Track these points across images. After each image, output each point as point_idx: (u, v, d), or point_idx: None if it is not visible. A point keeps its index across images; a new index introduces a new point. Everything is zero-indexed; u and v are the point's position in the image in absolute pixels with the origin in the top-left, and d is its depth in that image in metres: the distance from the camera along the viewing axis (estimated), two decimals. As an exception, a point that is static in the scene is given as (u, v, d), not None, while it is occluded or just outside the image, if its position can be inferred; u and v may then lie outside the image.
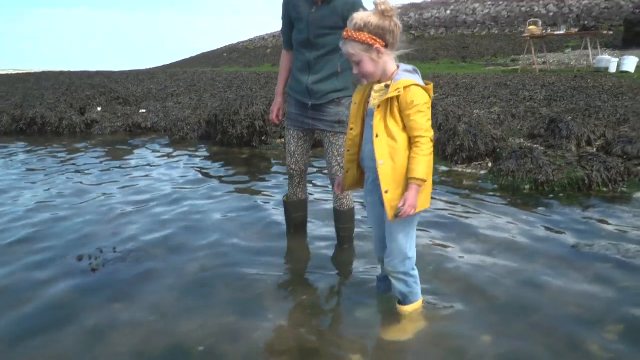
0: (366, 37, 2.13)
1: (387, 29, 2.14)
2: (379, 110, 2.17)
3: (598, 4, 30.66)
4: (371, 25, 2.12)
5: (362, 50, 2.16)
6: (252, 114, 7.47)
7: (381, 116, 2.17)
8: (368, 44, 2.13)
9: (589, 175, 4.72)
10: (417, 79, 2.18)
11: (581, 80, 12.28)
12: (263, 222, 4.03)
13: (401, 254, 2.34)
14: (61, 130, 9.05)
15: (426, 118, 2.13)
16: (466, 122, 6.36)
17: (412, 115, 2.11)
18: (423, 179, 2.12)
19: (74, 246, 3.56)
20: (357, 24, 2.14)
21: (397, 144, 2.14)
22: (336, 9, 2.94)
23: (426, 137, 2.12)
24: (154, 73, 25.16)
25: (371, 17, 2.13)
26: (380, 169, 2.17)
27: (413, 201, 2.13)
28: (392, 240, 2.34)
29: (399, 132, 2.15)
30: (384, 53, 2.16)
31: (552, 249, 3.39)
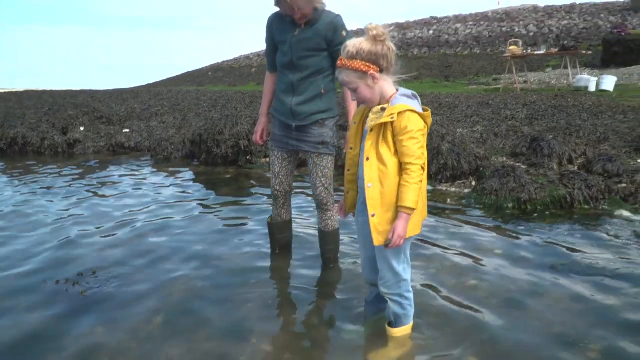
0: (359, 65, 2.12)
1: (380, 54, 2.14)
2: (371, 133, 2.16)
3: (577, 24, 31.39)
4: (364, 51, 2.12)
5: (357, 78, 2.15)
6: (236, 134, 7.47)
7: (373, 140, 2.16)
8: (362, 71, 2.13)
9: (570, 194, 4.78)
10: (415, 104, 2.17)
11: (561, 99, 12.49)
12: (248, 243, 4.00)
13: (395, 276, 2.32)
14: (43, 151, 8.96)
15: (419, 145, 2.11)
16: (450, 141, 6.41)
17: (405, 141, 2.09)
18: (412, 208, 2.10)
19: (52, 271, 3.48)
20: (349, 52, 2.14)
21: (387, 169, 2.13)
22: (319, 31, 2.97)
23: (417, 165, 2.09)
24: (138, 92, 25.09)
25: (363, 44, 2.13)
26: (368, 192, 2.16)
27: (401, 232, 2.12)
28: (385, 263, 2.31)
29: (389, 157, 2.13)
30: (379, 78, 2.16)
31: (535, 269, 3.40)
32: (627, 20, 29.39)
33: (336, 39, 2.97)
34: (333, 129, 3.17)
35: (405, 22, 45.31)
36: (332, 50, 3.00)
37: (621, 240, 3.88)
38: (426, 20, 44.05)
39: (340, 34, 2.98)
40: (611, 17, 31.72)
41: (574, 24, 31.67)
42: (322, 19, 2.99)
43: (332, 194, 3.26)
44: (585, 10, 36.32)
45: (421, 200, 2.19)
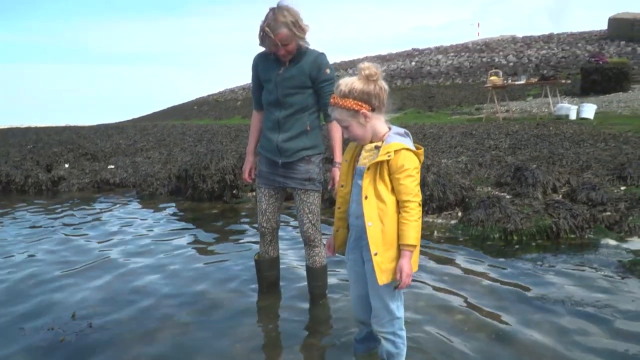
0: (352, 103, 2.15)
1: (372, 94, 2.17)
2: (368, 172, 2.18)
3: (555, 53, 32.17)
4: (356, 91, 2.15)
5: (349, 116, 2.18)
6: (222, 168, 7.46)
7: (370, 178, 2.18)
8: (354, 110, 2.16)
9: (556, 223, 4.81)
10: (408, 142, 2.20)
11: (543, 128, 12.70)
12: (235, 282, 3.95)
13: (389, 314, 2.30)
14: (27, 189, 8.86)
15: (415, 182, 2.14)
16: (435, 172, 6.46)
17: (402, 179, 2.12)
18: (414, 245, 2.12)
19: (29, 315, 3.38)
20: (342, 91, 2.17)
21: (386, 206, 2.15)
22: (302, 69, 3.02)
23: (415, 202, 2.12)
24: (124, 127, 25.07)
25: (355, 83, 2.16)
26: (369, 231, 2.16)
27: (408, 270, 2.14)
28: (379, 300, 2.30)
29: (387, 195, 2.15)
30: (371, 117, 2.19)
31: (523, 301, 3.40)
32: (604, 49, 30.21)
33: (320, 77, 3.02)
34: (319, 165, 3.19)
35: (387, 54, 46.17)
36: (317, 88, 3.06)
37: (607, 271, 3.90)
38: (408, 52, 44.92)
39: (324, 72, 3.03)
40: (588, 46, 32.58)
41: (552, 53, 32.46)
42: (306, 57, 3.04)
43: (319, 231, 3.25)
44: (562, 40, 37.30)
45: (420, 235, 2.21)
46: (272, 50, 3.00)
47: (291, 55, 3.01)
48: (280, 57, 3.01)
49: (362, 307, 2.46)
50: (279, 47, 2.93)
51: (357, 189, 2.27)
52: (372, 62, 2.24)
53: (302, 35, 2.96)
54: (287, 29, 2.88)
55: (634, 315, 3.11)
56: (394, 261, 2.17)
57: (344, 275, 3.87)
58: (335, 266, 4.06)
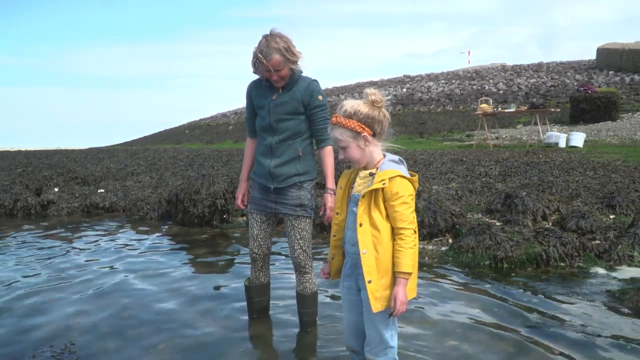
0: (355, 125, 2.18)
1: (375, 119, 2.20)
2: (363, 199, 2.18)
3: (545, 82, 32.64)
4: (361, 113, 2.18)
5: (350, 137, 2.20)
6: (213, 193, 7.44)
7: (365, 206, 2.18)
8: (356, 131, 2.18)
9: (546, 251, 4.83)
10: (403, 169, 2.21)
11: (533, 156, 12.82)
12: (225, 308, 3.91)
13: (382, 342, 2.28)
14: (15, 212, 8.77)
15: (410, 210, 2.14)
16: (425, 199, 6.49)
17: (397, 206, 2.12)
18: (409, 272, 2.12)
19: (14, 343, 3.32)
20: (346, 111, 2.19)
21: (380, 234, 2.15)
22: (295, 96, 3.06)
23: (410, 229, 2.13)
24: (114, 151, 25.01)
25: (361, 106, 2.19)
26: (364, 259, 2.16)
27: (403, 298, 2.13)
28: (373, 329, 2.28)
29: (382, 222, 2.16)
30: (371, 142, 2.21)
31: (514, 329, 3.39)
32: (592, 78, 30.71)
33: (312, 103, 3.06)
34: (311, 191, 3.20)
35: (379, 80, 46.65)
36: (309, 114, 3.09)
37: (597, 300, 3.90)
38: (399, 79, 45.43)
39: (316, 98, 3.07)
40: (577, 75, 33.10)
41: (542, 81, 32.93)
42: (298, 84, 3.08)
43: (310, 257, 3.24)
44: (552, 69, 37.92)
45: (417, 261, 2.21)
46: (265, 77, 3.04)
47: (284, 81, 3.05)
48: (274, 83, 3.04)
49: (355, 335, 2.44)
50: (272, 73, 2.97)
51: (352, 216, 2.27)
52: (364, 88, 2.27)
53: (294, 60, 3.00)
54: (280, 54, 2.92)
55: (621, 345, 3.11)
56: (388, 289, 2.17)
57: (335, 301, 3.85)
58: (326, 292, 4.03)
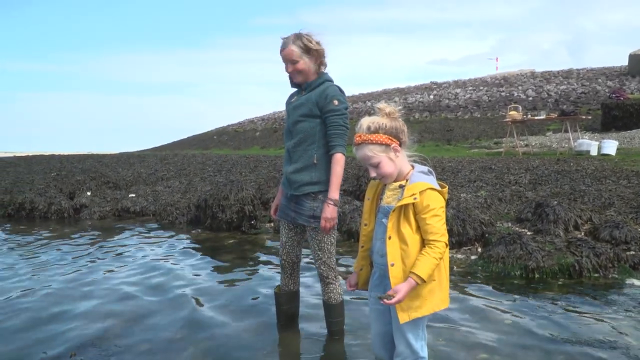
0: (383, 138, 2.17)
1: (399, 129, 2.20)
2: (393, 213, 2.17)
3: (575, 89, 32.04)
4: (385, 126, 2.18)
5: (381, 151, 2.18)
6: (241, 199, 7.52)
7: (395, 219, 2.17)
8: (386, 144, 2.17)
9: (578, 262, 4.73)
10: (432, 181, 2.20)
11: (564, 164, 12.59)
12: (253, 314, 3.93)
13: (413, 354, 2.27)
14: (49, 216, 9.01)
15: (442, 222, 2.13)
16: (454, 207, 6.42)
17: (428, 219, 2.11)
18: (422, 278, 2.10)
19: (41, 345, 3.40)
20: (370, 127, 2.18)
21: (408, 248, 2.14)
22: (311, 98, 3.05)
23: (441, 242, 2.11)
24: (145, 156, 25.42)
25: (382, 120, 2.19)
26: (392, 271, 2.16)
27: (403, 295, 2.10)
28: (402, 340, 2.27)
29: (411, 235, 2.15)
30: (400, 151, 2.21)
31: (546, 341, 3.33)
32: (624, 85, 30.03)
33: (327, 107, 3.00)
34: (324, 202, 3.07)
35: (406, 87, 46.45)
36: (324, 117, 3.02)
37: (633, 312, 3.81)
38: (426, 86, 45.13)
39: (331, 102, 2.99)
40: (609, 82, 32.41)
41: (572, 88, 32.33)
42: (319, 87, 3.07)
43: (332, 268, 3.20)
44: (582, 76, 37.22)
45: (444, 273, 2.21)
46: (287, 71, 3.09)
47: (302, 76, 3.06)
48: (290, 76, 3.08)
49: (383, 345, 2.44)
50: (287, 65, 3.03)
51: (381, 227, 2.26)
52: (390, 95, 2.27)
53: (309, 48, 3.01)
54: (295, 45, 2.98)
55: (661, 360, 3.03)
56: (414, 300, 2.16)
57: (363, 311, 3.84)
58: (354, 302, 4.03)
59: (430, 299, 2.18)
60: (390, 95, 41.43)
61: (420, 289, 2.15)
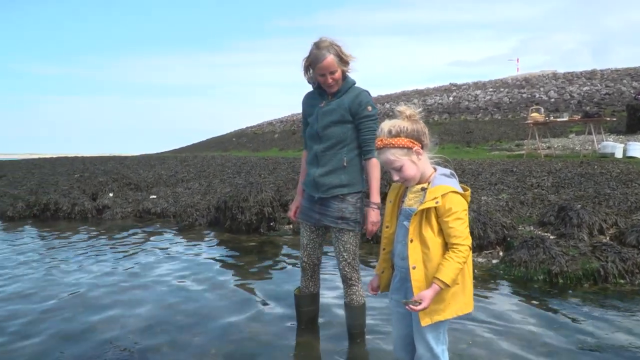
0: (405, 141, 2.15)
1: (420, 131, 2.18)
2: (415, 216, 2.15)
3: (599, 90, 31.51)
4: (407, 129, 2.15)
5: (403, 155, 2.16)
6: (260, 201, 7.54)
7: (417, 222, 2.15)
8: (408, 147, 2.15)
9: (604, 267, 4.64)
10: (454, 183, 2.17)
11: (587, 167, 12.38)
12: (273, 316, 3.94)
13: (433, 357, 2.25)
14: (73, 216, 9.16)
15: (465, 225, 2.10)
16: (475, 210, 6.36)
17: (450, 222, 2.09)
18: (446, 284, 2.08)
19: (59, 343, 3.44)
20: (391, 131, 2.16)
21: (430, 251, 2.12)
22: (343, 103, 3.05)
23: (464, 245, 2.09)
24: (165, 158, 25.68)
25: (403, 123, 2.16)
26: (413, 274, 2.14)
27: (428, 304, 2.09)
28: (423, 343, 2.25)
29: (433, 239, 2.13)
30: (422, 154, 2.19)
31: (569, 346, 3.27)
32: (650, 86, 29.48)
33: (360, 113, 3.02)
34: (356, 204, 3.10)
35: (425, 89, 46.19)
36: (357, 123, 3.05)
37: (661, 318, 3.72)
38: (446, 87, 44.81)
39: (366, 109, 3.02)
40: (634, 83, 31.78)
41: (595, 89, 31.81)
42: (348, 93, 3.07)
43: (356, 269, 3.20)
44: (606, 76, 36.59)
45: (468, 276, 2.18)
46: (319, 82, 3.05)
47: (338, 85, 3.05)
48: (328, 86, 3.04)
49: (404, 348, 2.42)
50: (327, 76, 2.99)
51: (402, 230, 2.24)
52: (409, 96, 2.25)
53: (347, 61, 3.02)
54: (333, 54, 2.96)
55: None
56: (436, 303, 2.14)
57: (384, 314, 3.81)
58: (375, 305, 4.01)
59: (453, 303, 2.16)
60: (409, 97, 41.23)
61: (443, 292, 2.13)
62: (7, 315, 4.00)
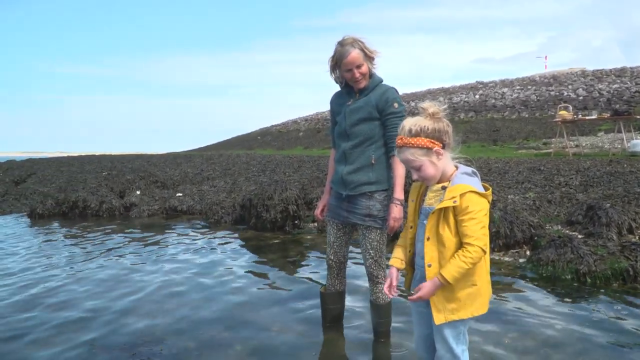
0: (425, 142, 2.12)
1: (442, 131, 2.14)
2: (432, 215, 2.14)
3: (629, 87, 30.79)
4: (427, 129, 2.12)
5: (422, 155, 2.13)
6: (285, 199, 7.59)
7: (435, 221, 2.14)
8: (427, 148, 2.12)
9: (633, 266, 4.56)
10: (475, 183, 2.14)
11: (617, 165, 12.12)
12: (298, 314, 3.97)
13: (454, 357, 2.23)
14: (101, 213, 9.34)
15: (480, 225, 2.06)
16: (501, 208, 6.30)
17: (465, 221, 2.06)
18: (447, 279, 2.07)
19: (89, 342, 3.51)
20: (412, 130, 2.13)
21: (445, 250, 2.11)
22: (370, 101, 3.06)
23: (475, 246, 2.04)
24: (191, 156, 25.97)
25: (424, 122, 2.13)
26: (428, 272, 2.14)
27: (425, 293, 2.10)
28: (443, 343, 2.24)
29: (449, 238, 2.11)
30: (443, 154, 2.16)
31: (599, 347, 3.22)
32: (682, 83, 28.69)
33: (387, 109, 3.04)
34: (383, 202, 3.11)
35: (450, 87, 45.73)
36: (383, 120, 3.07)
37: (693, 319, 3.64)
38: (472, 85, 44.29)
39: (392, 105, 3.03)
40: (665, 80, 31.02)
41: (625, 87, 31.08)
42: (375, 90, 3.08)
43: (382, 268, 3.21)
44: (637, 74, 35.70)
45: (485, 278, 2.16)
46: (347, 78, 3.07)
47: (365, 80, 3.07)
48: (355, 81, 3.05)
49: (425, 348, 2.41)
50: (354, 71, 3.00)
51: (422, 229, 2.23)
52: (435, 95, 2.23)
53: (372, 56, 3.05)
54: (358, 48, 2.98)
55: None
56: (451, 302, 2.13)
57: (410, 313, 3.81)
58: (400, 304, 4.01)
59: (469, 304, 2.14)
60: (434, 95, 40.89)
61: (458, 292, 2.12)
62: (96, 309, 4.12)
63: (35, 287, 4.76)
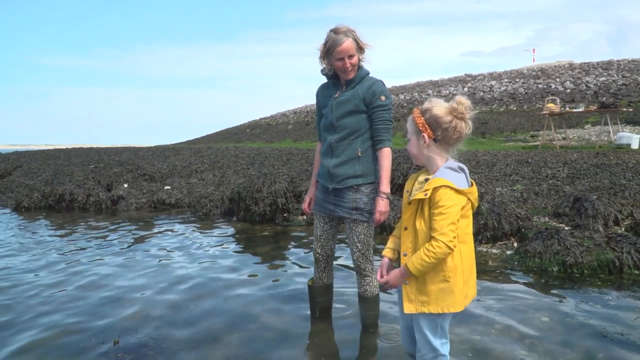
0: (420, 121, 2.17)
1: (441, 125, 2.13)
2: (410, 206, 2.18)
3: (615, 80, 31.07)
4: (429, 113, 2.14)
5: (413, 132, 2.21)
6: (274, 192, 7.57)
7: (412, 211, 2.17)
8: (418, 129, 2.18)
9: (619, 258, 4.61)
10: (457, 178, 2.12)
11: (603, 158, 12.25)
12: (287, 306, 3.96)
13: (432, 350, 2.24)
14: (88, 207, 9.26)
15: (448, 221, 2.03)
16: (489, 201, 6.33)
17: (434, 215, 2.06)
18: (411, 272, 2.09)
19: (77, 337, 3.49)
20: (424, 107, 2.18)
21: (418, 240, 2.13)
22: (357, 93, 3.05)
23: (440, 241, 2.02)
24: (180, 149, 25.84)
25: (437, 107, 2.14)
26: (403, 261, 2.18)
27: (392, 278, 2.17)
28: (420, 334, 2.25)
29: (422, 229, 2.12)
30: (429, 145, 2.16)
31: (585, 338, 3.25)
32: (667, 76, 29.00)
33: (374, 102, 3.02)
34: (370, 195, 3.10)
35: (439, 80, 45.86)
36: (370, 113, 3.05)
37: (677, 309, 3.69)
38: (460, 78, 44.45)
39: (378, 98, 3.02)
40: (651, 73, 31.32)
41: (612, 80, 31.37)
42: (362, 82, 3.07)
43: (370, 260, 3.21)
44: (623, 67, 36.05)
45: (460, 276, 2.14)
46: (336, 66, 3.04)
47: (354, 71, 3.05)
48: (345, 71, 3.03)
49: (410, 339, 2.41)
50: (345, 60, 2.98)
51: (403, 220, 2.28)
52: (424, 87, 2.24)
53: (363, 48, 3.03)
54: (352, 38, 2.97)
55: None
56: (422, 295, 2.14)
57: (397, 304, 3.83)
58: (388, 296, 4.02)
59: (440, 299, 2.12)
60: (423, 87, 40.93)
61: (429, 285, 2.12)
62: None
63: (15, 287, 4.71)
